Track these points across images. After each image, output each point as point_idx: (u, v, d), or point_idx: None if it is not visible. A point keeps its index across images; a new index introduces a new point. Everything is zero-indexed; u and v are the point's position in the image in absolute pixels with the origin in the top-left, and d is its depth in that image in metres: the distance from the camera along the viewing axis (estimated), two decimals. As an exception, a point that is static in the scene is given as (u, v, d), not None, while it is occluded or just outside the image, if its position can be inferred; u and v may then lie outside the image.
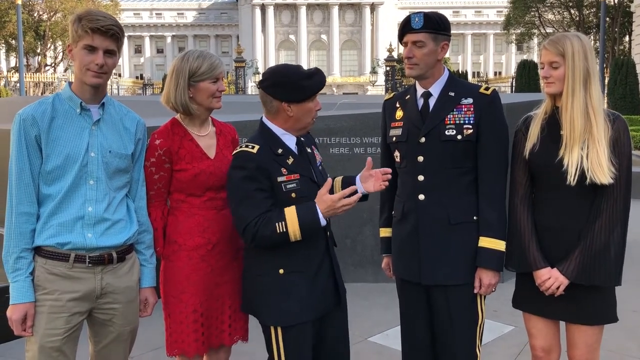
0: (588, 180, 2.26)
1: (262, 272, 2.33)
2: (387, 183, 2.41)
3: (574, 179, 2.28)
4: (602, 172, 2.24)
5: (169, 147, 2.41)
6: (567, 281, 2.32)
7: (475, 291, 2.46)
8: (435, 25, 2.43)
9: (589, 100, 2.30)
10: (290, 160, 2.32)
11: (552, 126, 2.37)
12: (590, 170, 2.25)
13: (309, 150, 2.45)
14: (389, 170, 2.44)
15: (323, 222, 2.23)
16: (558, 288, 2.33)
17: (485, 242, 2.43)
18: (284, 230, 2.20)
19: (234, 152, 2.34)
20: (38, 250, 2.18)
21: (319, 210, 2.22)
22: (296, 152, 2.37)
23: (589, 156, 2.26)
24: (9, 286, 2.16)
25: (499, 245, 2.43)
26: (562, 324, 2.48)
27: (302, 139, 2.43)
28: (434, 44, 2.43)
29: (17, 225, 2.14)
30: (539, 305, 2.45)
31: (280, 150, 2.32)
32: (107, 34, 2.14)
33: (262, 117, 2.40)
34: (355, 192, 2.25)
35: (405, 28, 2.46)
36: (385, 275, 2.86)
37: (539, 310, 2.46)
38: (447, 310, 2.47)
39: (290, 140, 2.37)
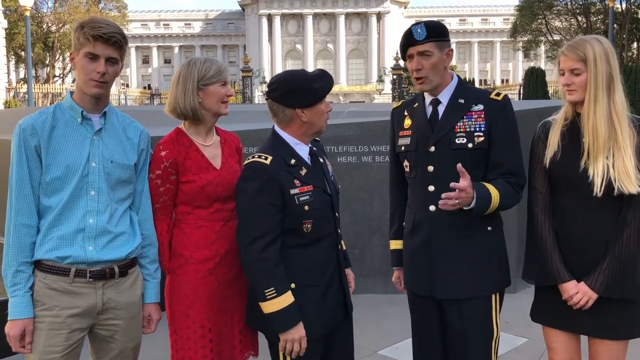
0: (616, 190, 2.17)
1: None
2: None
3: (600, 191, 2.19)
4: (630, 182, 2.15)
5: (175, 158, 2.35)
6: (596, 295, 2.23)
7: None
8: (438, 34, 2.38)
9: (613, 106, 2.21)
10: (303, 171, 2.26)
11: (574, 134, 2.28)
12: (618, 180, 2.16)
13: (321, 160, 2.39)
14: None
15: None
16: (587, 302, 2.24)
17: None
18: (272, 295, 2.14)
19: (245, 162, 2.25)
20: (38, 265, 2.12)
21: (299, 324, 2.17)
22: (309, 163, 2.31)
23: (615, 165, 2.17)
24: (8, 301, 2.10)
25: (495, 202, 2.26)
26: (584, 338, 2.39)
27: (314, 148, 2.37)
28: (439, 52, 2.38)
29: (16, 237, 2.08)
30: (560, 319, 2.35)
31: (293, 161, 2.25)
32: (109, 41, 2.10)
33: (273, 127, 2.33)
34: None
35: (409, 41, 2.40)
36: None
37: (560, 323, 2.36)
38: (461, 324, 2.39)
39: (303, 151, 2.30)
